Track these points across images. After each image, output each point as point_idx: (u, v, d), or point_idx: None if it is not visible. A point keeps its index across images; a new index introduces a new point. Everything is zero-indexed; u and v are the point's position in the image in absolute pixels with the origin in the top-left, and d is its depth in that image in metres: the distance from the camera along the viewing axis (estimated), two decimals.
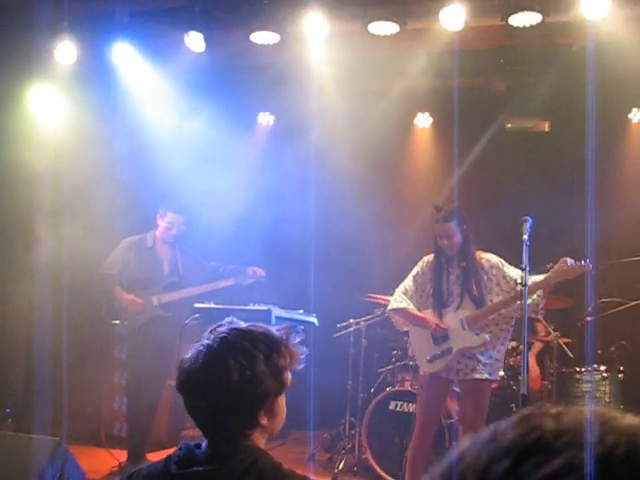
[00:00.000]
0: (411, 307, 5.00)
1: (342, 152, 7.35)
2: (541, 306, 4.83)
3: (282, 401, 2.01)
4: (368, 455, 6.02)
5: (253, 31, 6.41)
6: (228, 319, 2.02)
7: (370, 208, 7.17)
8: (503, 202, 7.34)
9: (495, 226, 6.57)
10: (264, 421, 1.95)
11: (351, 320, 6.61)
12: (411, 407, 5.74)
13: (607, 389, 6.01)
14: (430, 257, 5.02)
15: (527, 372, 3.93)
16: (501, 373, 5.88)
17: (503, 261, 4.93)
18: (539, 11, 5.72)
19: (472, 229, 4.92)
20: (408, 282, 5.08)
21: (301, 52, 6.49)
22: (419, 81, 6.84)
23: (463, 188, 6.86)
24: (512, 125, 7.52)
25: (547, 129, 7.51)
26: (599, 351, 6.54)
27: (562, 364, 6.29)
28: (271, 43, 6.51)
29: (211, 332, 1.97)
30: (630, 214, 7.34)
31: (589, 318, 6.44)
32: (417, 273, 5.07)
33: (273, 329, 2.00)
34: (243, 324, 2.00)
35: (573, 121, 6.52)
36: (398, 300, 5.04)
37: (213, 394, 1.87)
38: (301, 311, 5.57)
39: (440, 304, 4.93)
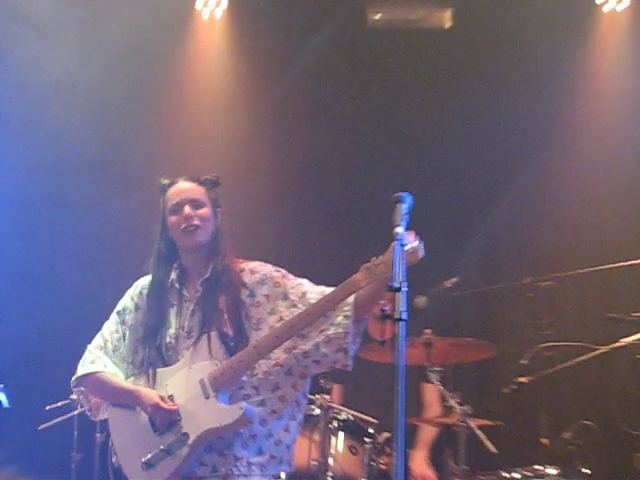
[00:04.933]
0: (111, 372, 3.64)
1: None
2: (352, 338, 3.37)
3: None
4: None
5: None
6: None
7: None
8: (364, 160, 5.38)
9: (346, 206, 5.23)
10: None
11: (74, 395, 4.41)
12: None
13: None
14: (149, 278, 3.76)
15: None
16: None
17: (286, 272, 3.67)
18: None
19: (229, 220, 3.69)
20: (109, 326, 3.74)
21: None
22: None
23: (286, 131, 5.18)
24: (383, 16, 5.66)
25: (448, 24, 5.67)
26: (544, 439, 4.95)
27: (478, 465, 4.48)
28: None
29: None
30: (600, 186, 5.46)
31: (523, 379, 4.77)
32: (124, 308, 3.76)
33: None
34: None
35: (493, 10, 5.32)
36: (90, 360, 3.65)
37: None
38: None
39: (162, 356, 3.58)
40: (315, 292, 3.45)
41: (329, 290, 3.44)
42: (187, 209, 3.52)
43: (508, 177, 5.11)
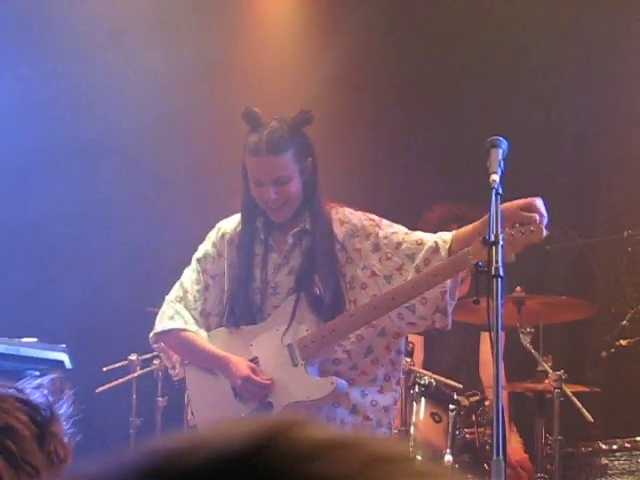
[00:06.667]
0: (192, 329, 3.29)
1: None
2: (450, 297, 3.10)
3: None
4: None
5: None
6: None
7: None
8: (451, 102, 4.84)
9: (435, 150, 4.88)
10: None
11: (133, 357, 4.02)
12: None
13: None
14: (233, 223, 3.36)
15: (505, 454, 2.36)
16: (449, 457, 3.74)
17: (378, 219, 3.26)
18: None
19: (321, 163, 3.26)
20: (189, 275, 3.38)
21: None
22: None
23: (365, 74, 4.77)
24: None
25: None
26: None
27: (573, 435, 4.11)
28: None
29: None
30: None
31: (623, 342, 4.37)
32: (206, 255, 3.36)
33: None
34: None
35: None
36: (169, 314, 3.28)
37: None
38: (32, 339, 3.52)
39: (246, 312, 3.25)
40: (410, 242, 3.10)
41: (426, 237, 3.14)
42: (271, 192, 3.11)
43: (608, 121, 4.47)
